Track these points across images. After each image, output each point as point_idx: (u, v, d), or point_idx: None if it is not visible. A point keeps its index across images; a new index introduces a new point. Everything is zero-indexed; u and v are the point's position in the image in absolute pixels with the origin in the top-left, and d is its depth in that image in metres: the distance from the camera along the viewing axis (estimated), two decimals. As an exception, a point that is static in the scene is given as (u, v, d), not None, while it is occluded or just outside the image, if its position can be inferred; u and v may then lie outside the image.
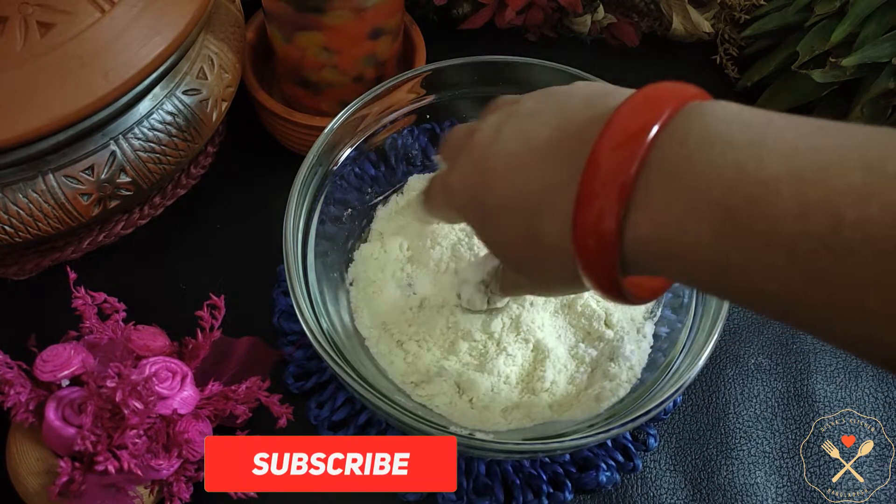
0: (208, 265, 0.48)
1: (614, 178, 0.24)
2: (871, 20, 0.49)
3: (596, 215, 0.25)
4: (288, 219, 0.39)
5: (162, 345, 0.38)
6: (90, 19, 0.38)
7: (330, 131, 0.42)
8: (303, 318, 0.36)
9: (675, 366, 0.38)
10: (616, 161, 0.24)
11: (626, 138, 0.24)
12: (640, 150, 0.24)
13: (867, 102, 0.50)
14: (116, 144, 0.40)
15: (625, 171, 0.24)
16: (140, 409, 0.33)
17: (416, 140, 0.47)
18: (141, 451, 0.33)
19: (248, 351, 0.40)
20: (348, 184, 0.45)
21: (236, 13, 0.48)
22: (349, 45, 0.47)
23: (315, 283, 0.40)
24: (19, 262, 0.45)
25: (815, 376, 0.45)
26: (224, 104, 0.45)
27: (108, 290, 0.38)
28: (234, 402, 0.37)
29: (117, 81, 0.37)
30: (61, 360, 0.35)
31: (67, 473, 0.33)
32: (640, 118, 0.24)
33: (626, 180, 0.24)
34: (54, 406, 0.35)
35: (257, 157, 0.53)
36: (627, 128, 0.24)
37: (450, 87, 0.46)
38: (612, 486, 0.41)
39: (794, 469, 0.42)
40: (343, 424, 0.42)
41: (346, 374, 0.34)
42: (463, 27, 0.59)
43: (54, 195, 0.39)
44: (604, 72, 0.45)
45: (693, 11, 0.58)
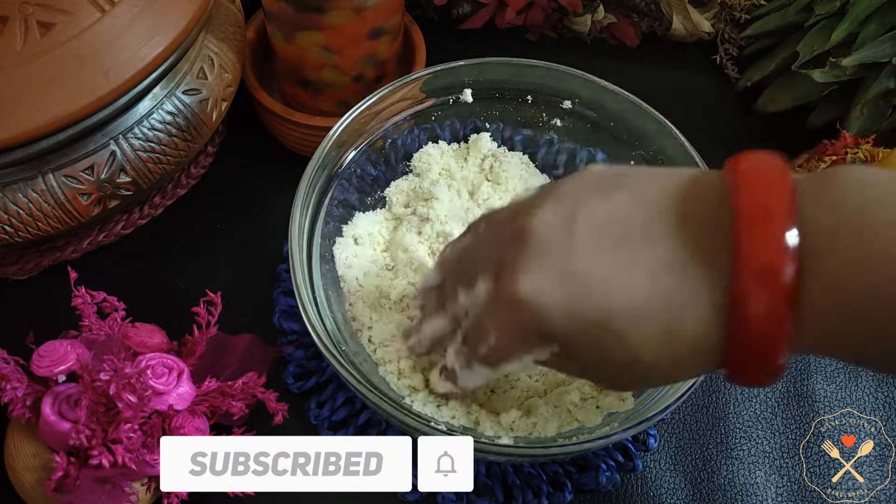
0: (208, 265, 0.48)
1: (771, 274, 0.22)
2: (871, 20, 0.49)
3: (762, 315, 0.23)
4: (294, 219, 0.39)
5: (159, 342, 0.38)
6: (90, 19, 0.38)
7: (336, 131, 0.42)
8: (307, 317, 0.36)
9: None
10: (767, 257, 0.22)
11: (767, 228, 0.22)
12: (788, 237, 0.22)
13: (867, 102, 0.50)
14: (116, 144, 0.40)
15: (780, 263, 0.22)
16: (134, 402, 0.33)
17: (416, 140, 0.47)
18: (136, 446, 0.33)
19: (246, 348, 0.40)
20: (350, 184, 0.45)
21: (236, 13, 0.48)
22: (349, 44, 0.47)
23: (319, 283, 0.40)
24: (19, 261, 0.45)
25: (815, 376, 0.45)
26: (224, 104, 0.45)
27: (108, 290, 0.39)
28: (230, 399, 0.37)
29: (117, 81, 0.37)
30: (58, 356, 0.35)
31: (63, 468, 0.33)
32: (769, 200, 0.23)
33: (784, 269, 0.22)
34: (51, 401, 0.35)
35: (257, 157, 0.53)
36: (761, 213, 0.23)
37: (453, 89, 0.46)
38: (612, 486, 0.41)
39: (794, 469, 0.42)
40: (343, 424, 0.42)
41: (348, 374, 0.34)
42: (463, 27, 0.59)
43: (54, 195, 0.39)
44: (604, 72, 0.45)
45: (693, 11, 0.58)
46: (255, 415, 0.40)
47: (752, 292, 0.23)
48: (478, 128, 0.48)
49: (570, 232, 0.25)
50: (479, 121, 0.48)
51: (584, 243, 0.25)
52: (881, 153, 0.48)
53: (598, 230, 0.25)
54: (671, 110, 0.44)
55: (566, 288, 0.25)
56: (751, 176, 0.24)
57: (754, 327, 0.23)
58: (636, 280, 0.24)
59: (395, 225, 0.46)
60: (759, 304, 0.23)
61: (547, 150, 0.48)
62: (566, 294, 0.25)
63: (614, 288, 0.24)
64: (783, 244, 0.22)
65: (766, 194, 0.23)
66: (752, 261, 0.23)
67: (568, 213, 0.26)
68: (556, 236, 0.25)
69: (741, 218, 0.23)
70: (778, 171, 0.24)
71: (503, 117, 0.48)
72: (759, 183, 0.23)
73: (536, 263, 0.26)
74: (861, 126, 0.51)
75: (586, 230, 0.25)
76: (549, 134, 0.48)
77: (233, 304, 0.41)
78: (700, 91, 0.60)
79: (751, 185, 0.23)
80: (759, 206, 0.23)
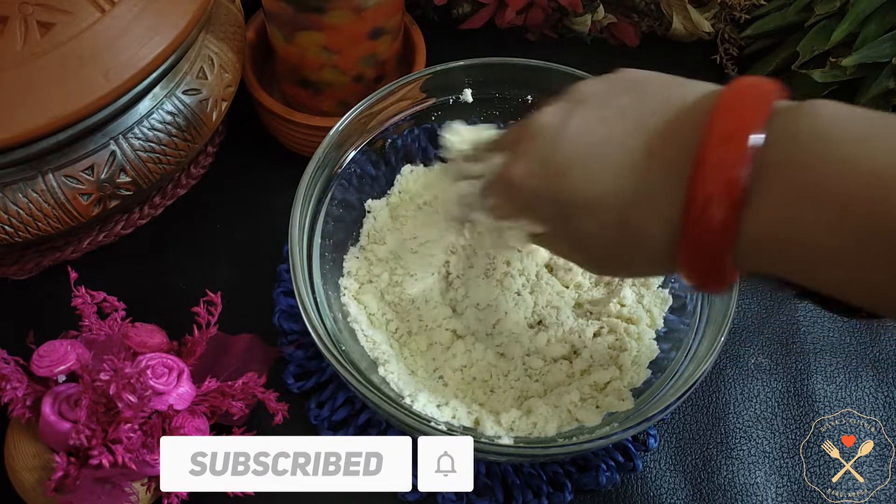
0: (208, 265, 0.48)
1: (727, 177, 0.24)
2: (871, 20, 0.49)
3: (711, 214, 0.25)
4: (294, 219, 0.39)
5: (159, 342, 0.38)
6: (90, 19, 0.38)
7: (336, 131, 0.42)
8: (307, 317, 0.36)
9: (679, 371, 0.38)
10: (727, 159, 0.25)
11: (733, 137, 0.25)
12: (750, 148, 0.24)
13: (867, 102, 0.50)
14: (116, 144, 0.40)
15: (737, 169, 0.24)
16: (134, 402, 0.33)
17: (415, 140, 0.47)
18: (136, 446, 0.33)
19: (246, 348, 0.41)
20: (350, 184, 0.45)
21: (236, 13, 0.48)
22: (349, 44, 0.47)
23: (319, 282, 0.40)
24: (19, 261, 0.45)
25: (815, 376, 0.45)
26: (224, 104, 0.45)
27: (108, 290, 0.39)
28: (230, 399, 0.37)
29: (117, 81, 0.37)
30: (58, 356, 0.35)
31: (63, 468, 0.33)
32: (742, 117, 0.25)
33: (739, 178, 0.24)
34: (51, 401, 0.35)
35: (257, 157, 0.53)
36: (732, 127, 0.25)
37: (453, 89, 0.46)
38: (612, 486, 0.41)
39: (794, 469, 0.42)
40: (343, 424, 0.42)
41: (348, 374, 0.34)
42: (463, 27, 0.59)
43: (54, 195, 0.39)
44: (604, 72, 0.45)
45: (693, 11, 0.58)
46: (255, 415, 0.40)
47: (703, 190, 0.25)
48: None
49: (560, 131, 0.29)
50: (479, 121, 0.48)
51: (568, 140, 0.29)
52: (881, 153, 0.48)
53: (584, 131, 0.29)
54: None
55: (545, 176, 0.29)
56: (734, 96, 0.26)
57: (702, 222, 0.25)
58: (599, 176, 0.28)
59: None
60: (711, 200, 0.25)
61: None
62: (543, 180, 0.29)
63: (580, 179, 0.28)
64: (741, 153, 0.24)
65: (740, 115, 0.25)
66: (708, 158, 0.25)
67: (566, 113, 0.30)
68: (550, 132, 0.30)
69: (710, 134, 0.25)
70: (763, 94, 0.26)
71: (503, 117, 0.48)
72: (738, 103, 0.26)
73: (529, 153, 0.30)
74: (861, 126, 0.51)
75: (574, 130, 0.29)
76: (549, 134, 0.48)
77: (233, 304, 0.41)
78: (700, 91, 0.60)
79: (731, 104, 0.26)
80: (728, 126, 0.25)
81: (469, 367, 0.40)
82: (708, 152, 0.25)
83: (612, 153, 0.28)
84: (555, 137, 0.29)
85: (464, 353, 0.40)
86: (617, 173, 0.28)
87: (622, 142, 0.28)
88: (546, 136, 0.30)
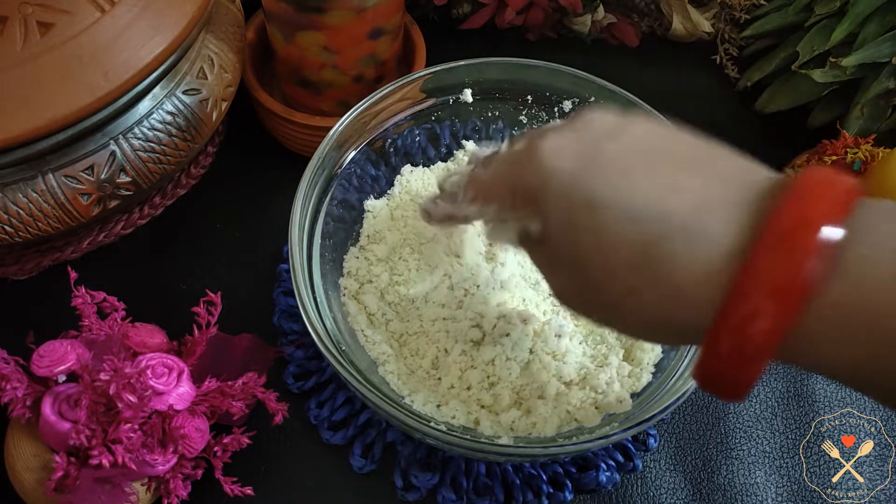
0: (208, 265, 0.48)
1: (779, 288, 0.21)
2: (871, 20, 0.49)
3: (749, 320, 0.22)
4: (294, 219, 0.39)
5: (160, 342, 0.38)
6: (90, 19, 0.38)
7: (336, 131, 0.42)
8: (307, 317, 0.36)
9: (678, 372, 0.38)
10: (788, 267, 0.21)
11: (801, 237, 0.21)
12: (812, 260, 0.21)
13: (867, 102, 0.50)
14: (116, 144, 0.40)
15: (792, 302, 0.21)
16: (134, 402, 0.33)
17: (415, 140, 0.47)
18: (136, 446, 0.33)
19: (246, 348, 0.40)
20: (349, 184, 0.45)
21: (236, 13, 0.48)
22: (349, 45, 0.47)
23: (319, 282, 0.40)
24: (19, 261, 0.45)
25: (815, 376, 0.45)
26: (224, 104, 0.45)
27: (108, 290, 0.39)
28: (230, 399, 0.37)
29: (117, 81, 0.37)
30: (58, 356, 0.35)
31: (63, 468, 0.33)
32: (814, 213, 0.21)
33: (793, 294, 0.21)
34: (51, 401, 0.35)
35: (257, 157, 0.53)
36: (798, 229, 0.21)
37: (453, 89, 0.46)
38: (612, 486, 0.41)
39: (794, 469, 0.42)
40: (343, 424, 0.42)
41: (348, 374, 0.34)
42: (463, 27, 0.59)
43: (54, 195, 0.39)
44: (604, 72, 0.45)
45: (693, 11, 0.58)
46: (255, 415, 0.40)
47: (744, 294, 0.22)
48: (477, 128, 0.48)
49: (622, 126, 0.26)
50: (479, 121, 0.48)
51: (629, 135, 0.25)
52: (881, 153, 0.48)
53: (645, 137, 0.25)
54: (671, 110, 0.43)
55: (579, 163, 0.25)
56: (814, 181, 0.22)
57: (736, 325, 0.22)
58: (644, 185, 0.24)
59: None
60: (749, 303, 0.22)
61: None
62: (575, 167, 0.25)
63: (618, 182, 0.24)
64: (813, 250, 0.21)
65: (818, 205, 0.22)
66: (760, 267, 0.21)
67: (624, 119, 0.26)
68: (608, 124, 0.26)
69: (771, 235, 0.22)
70: (843, 184, 0.22)
71: (503, 117, 0.48)
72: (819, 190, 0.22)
73: (570, 135, 0.26)
74: (861, 126, 0.51)
75: (637, 132, 0.26)
76: (549, 134, 0.48)
77: (233, 304, 0.41)
78: (700, 91, 0.60)
79: (810, 189, 0.22)
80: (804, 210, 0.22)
81: (469, 368, 0.40)
82: (760, 259, 0.21)
83: (667, 169, 0.24)
84: (609, 131, 0.26)
85: (463, 354, 0.40)
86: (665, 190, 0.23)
87: (676, 164, 0.24)
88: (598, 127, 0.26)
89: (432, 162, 0.48)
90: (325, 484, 0.41)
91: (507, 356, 0.40)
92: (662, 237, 0.23)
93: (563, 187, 0.25)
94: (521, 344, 0.40)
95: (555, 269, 0.28)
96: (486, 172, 0.30)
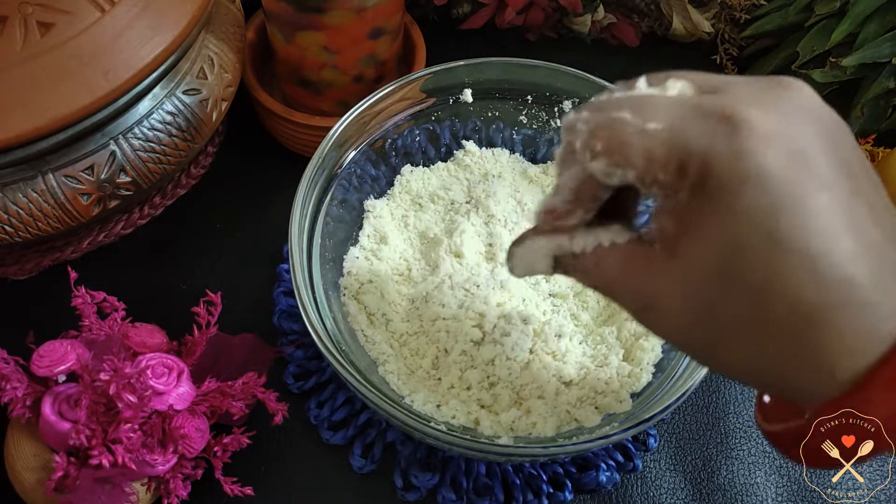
0: (208, 265, 0.48)
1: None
2: (871, 20, 0.49)
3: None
4: (294, 219, 0.39)
5: (159, 342, 0.38)
6: (90, 19, 0.38)
7: (336, 131, 0.42)
8: (307, 317, 0.36)
9: (678, 372, 0.38)
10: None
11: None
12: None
13: (867, 102, 0.50)
14: (116, 144, 0.40)
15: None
16: (134, 402, 0.33)
17: (415, 140, 0.47)
18: (136, 446, 0.33)
19: (246, 348, 0.40)
20: (349, 184, 0.45)
21: (236, 13, 0.48)
22: (349, 45, 0.47)
23: (319, 282, 0.40)
24: (19, 261, 0.45)
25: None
26: (224, 104, 0.45)
27: (108, 290, 0.39)
28: (230, 399, 0.37)
29: (117, 81, 0.37)
30: (58, 356, 0.35)
31: (63, 468, 0.33)
32: None
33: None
34: (51, 401, 0.35)
35: (257, 157, 0.53)
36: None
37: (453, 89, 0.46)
38: (612, 486, 0.41)
39: (794, 469, 0.42)
40: (343, 424, 0.42)
41: (348, 374, 0.34)
42: (463, 27, 0.59)
43: (54, 195, 0.39)
44: (604, 72, 0.45)
45: (693, 11, 0.58)
46: (255, 415, 0.40)
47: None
48: (477, 128, 0.48)
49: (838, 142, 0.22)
50: (479, 121, 0.48)
51: (838, 164, 0.21)
52: (881, 153, 0.48)
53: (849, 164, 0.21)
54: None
55: (795, 174, 0.20)
56: None
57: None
58: (843, 238, 0.20)
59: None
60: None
61: (547, 150, 0.48)
62: (789, 177, 0.20)
63: (822, 226, 0.20)
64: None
65: None
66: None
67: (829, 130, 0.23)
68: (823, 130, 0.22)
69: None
70: None
71: (503, 117, 0.48)
72: None
73: (788, 121, 0.21)
74: (861, 126, 0.51)
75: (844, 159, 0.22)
76: (549, 134, 0.48)
77: (233, 304, 0.41)
78: (700, 91, 0.60)
79: None
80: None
81: (469, 368, 0.40)
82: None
83: (864, 210, 0.21)
84: (834, 131, 0.22)
85: (463, 354, 0.40)
86: (863, 246, 0.21)
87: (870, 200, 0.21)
88: (823, 122, 0.22)
89: (432, 162, 0.48)
90: (325, 484, 0.41)
91: (507, 356, 0.40)
92: (842, 306, 0.20)
93: (762, 201, 0.20)
94: (521, 344, 0.40)
95: (661, 275, 0.23)
96: (636, 120, 0.23)
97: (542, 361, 0.40)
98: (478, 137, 0.49)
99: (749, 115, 0.21)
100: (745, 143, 0.21)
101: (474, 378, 0.39)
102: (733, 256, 0.21)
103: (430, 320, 0.41)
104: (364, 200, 0.46)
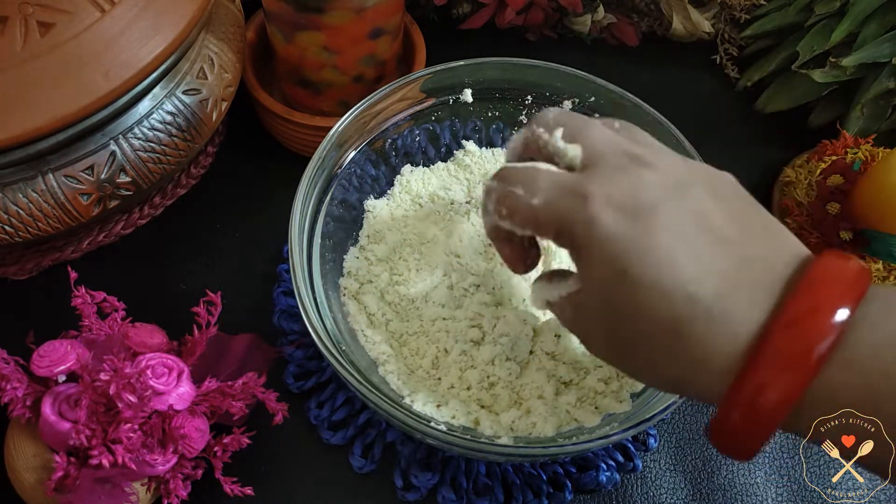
0: (208, 265, 0.48)
1: (796, 364, 0.24)
2: (871, 20, 0.49)
3: (759, 392, 0.24)
4: (294, 219, 0.39)
5: (159, 342, 0.38)
6: (90, 19, 0.38)
7: (336, 131, 0.42)
8: (307, 317, 0.36)
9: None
10: (797, 347, 0.24)
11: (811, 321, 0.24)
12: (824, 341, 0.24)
13: (867, 102, 0.50)
14: (116, 144, 0.40)
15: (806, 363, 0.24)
16: (134, 402, 0.33)
17: (415, 140, 0.47)
18: (136, 446, 0.33)
19: (246, 348, 0.40)
20: (349, 184, 0.45)
21: (236, 13, 0.48)
22: (349, 45, 0.47)
23: (319, 282, 0.40)
24: (19, 261, 0.45)
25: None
26: (224, 104, 0.45)
27: (108, 290, 0.39)
28: (230, 399, 0.37)
29: (117, 81, 0.37)
30: (58, 356, 0.35)
31: (63, 468, 0.33)
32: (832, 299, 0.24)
33: (808, 369, 0.24)
34: (51, 401, 0.35)
35: (257, 157, 0.53)
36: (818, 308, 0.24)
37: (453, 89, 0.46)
38: (612, 486, 0.41)
39: (794, 469, 0.42)
40: (343, 424, 0.42)
41: (348, 374, 0.34)
42: (463, 27, 0.59)
43: (54, 195, 0.39)
44: (604, 72, 0.45)
45: (693, 11, 0.58)
46: (255, 415, 0.40)
47: (761, 369, 0.24)
48: (477, 128, 0.48)
49: (679, 198, 0.27)
50: (479, 121, 0.48)
51: (680, 212, 0.26)
52: (881, 153, 0.48)
53: (695, 212, 0.26)
54: (671, 110, 0.44)
55: (631, 229, 0.26)
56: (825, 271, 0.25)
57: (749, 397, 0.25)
58: (682, 267, 0.25)
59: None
60: (765, 379, 0.24)
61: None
62: (625, 233, 0.26)
63: (660, 259, 0.26)
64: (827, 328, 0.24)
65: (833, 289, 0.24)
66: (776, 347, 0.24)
67: (684, 182, 0.27)
68: (664, 187, 0.27)
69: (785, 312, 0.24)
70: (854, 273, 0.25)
71: (503, 117, 0.48)
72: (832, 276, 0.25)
73: (630, 182, 0.27)
74: (861, 126, 0.51)
75: (689, 208, 0.27)
76: (549, 134, 0.48)
77: (233, 304, 0.41)
78: (700, 91, 0.60)
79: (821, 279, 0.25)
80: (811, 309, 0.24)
81: (468, 368, 0.40)
82: (778, 331, 0.24)
83: (709, 247, 0.26)
84: (662, 197, 0.27)
85: (463, 354, 0.40)
86: (703, 273, 0.25)
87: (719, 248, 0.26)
88: (652, 187, 0.27)
89: (432, 162, 0.48)
90: (325, 484, 0.41)
91: (506, 356, 0.40)
92: (692, 319, 0.25)
93: (609, 252, 0.26)
94: (520, 344, 0.40)
95: (583, 314, 0.30)
96: (526, 195, 0.29)
97: (542, 361, 0.40)
98: (478, 137, 0.49)
99: (593, 189, 0.27)
100: (590, 211, 0.27)
101: (474, 378, 0.39)
102: (608, 296, 0.27)
103: (430, 320, 0.41)
104: (364, 200, 0.46)
